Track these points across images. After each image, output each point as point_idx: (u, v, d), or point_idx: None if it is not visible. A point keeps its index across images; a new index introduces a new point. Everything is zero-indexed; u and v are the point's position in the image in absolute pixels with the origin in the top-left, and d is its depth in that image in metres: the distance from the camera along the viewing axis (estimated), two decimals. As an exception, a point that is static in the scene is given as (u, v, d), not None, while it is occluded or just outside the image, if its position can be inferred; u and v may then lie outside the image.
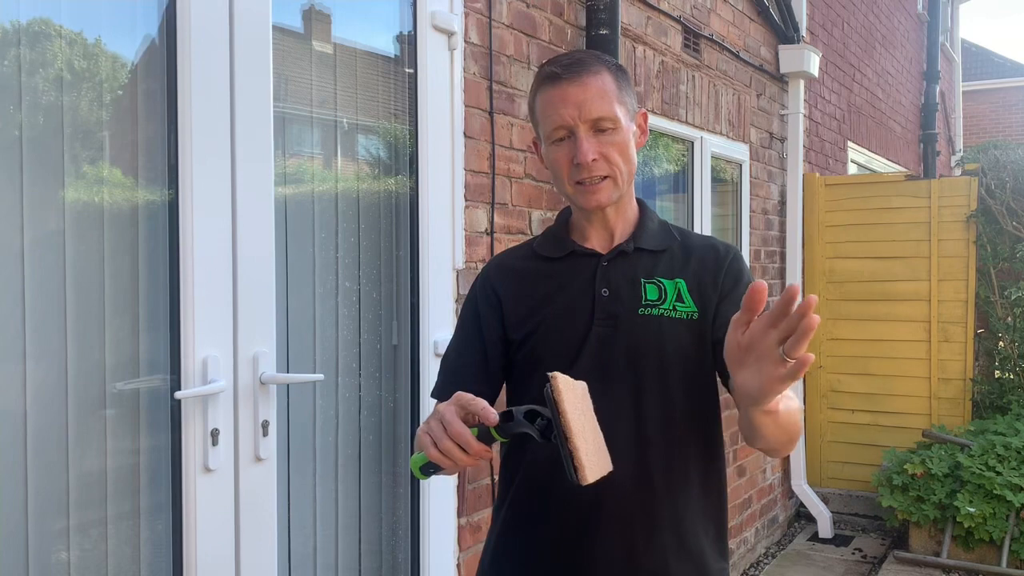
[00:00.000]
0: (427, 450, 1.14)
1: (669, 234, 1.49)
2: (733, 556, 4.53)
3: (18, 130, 1.64)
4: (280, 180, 2.11)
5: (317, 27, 2.31)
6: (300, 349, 2.20)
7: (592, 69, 1.37)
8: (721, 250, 1.47)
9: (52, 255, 1.70)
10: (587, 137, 1.35)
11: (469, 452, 1.12)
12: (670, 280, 1.42)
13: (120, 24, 1.83)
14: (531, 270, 1.49)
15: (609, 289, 1.41)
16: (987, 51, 18.63)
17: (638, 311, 1.39)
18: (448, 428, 1.12)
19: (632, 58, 3.57)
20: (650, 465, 1.38)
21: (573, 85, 1.36)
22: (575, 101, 1.35)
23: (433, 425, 1.15)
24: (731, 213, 4.74)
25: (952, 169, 9.80)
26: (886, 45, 7.48)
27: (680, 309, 1.40)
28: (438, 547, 2.51)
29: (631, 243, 1.45)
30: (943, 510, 4.43)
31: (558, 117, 1.36)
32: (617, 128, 1.37)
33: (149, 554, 1.87)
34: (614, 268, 1.43)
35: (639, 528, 1.38)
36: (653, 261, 1.44)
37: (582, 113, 1.35)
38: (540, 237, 1.55)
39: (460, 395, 1.16)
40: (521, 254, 1.54)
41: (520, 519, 1.46)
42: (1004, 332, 5.13)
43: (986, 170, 5.09)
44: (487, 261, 1.61)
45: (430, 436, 1.14)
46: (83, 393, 1.75)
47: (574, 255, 1.46)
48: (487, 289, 1.51)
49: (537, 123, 1.43)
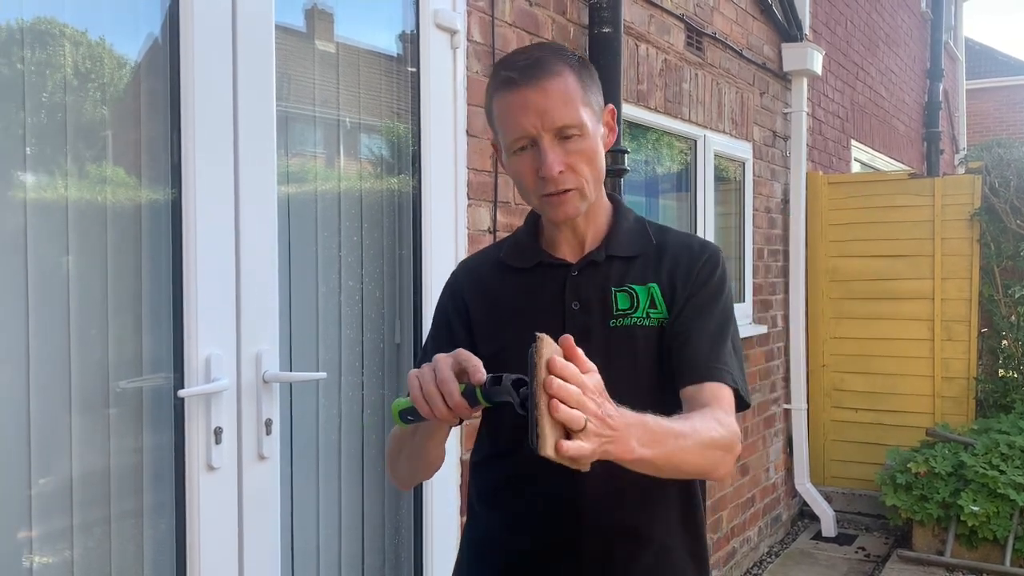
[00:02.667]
0: (413, 393, 1.13)
1: (644, 236, 1.41)
2: (736, 555, 4.53)
3: (21, 129, 1.65)
4: (283, 179, 2.12)
5: (320, 26, 2.31)
6: (303, 347, 2.20)
7: (553, 70, 1.25)
8: (696, 250, 1.39)
9: (55, 254, 1.70)
10: (551, 147, 1.25)
11: (450, 404, 1.10)
12: (642, 286, 1.35)
13: (123, 23, 1.83)
14: (499, 282, 1.42)
15: (579, 302, 1.35)
16: (991, 49, 18.58)
17: (609, 323, 1.34)
18: (438, 374, 1.11)
19: (635, 56, 3.57)
20: (626, 475, 1.35)
21: (533, 91, 1.24)
22: (536, 108, 1.24)
23: (424, 369, 1.13)
24: (734, 212, 4.73)
25: (956, 167, 9.77)
26: (889, 43, 7.47)
27: (653, 316, 1.34)
28: (441, 545, 2.51)
29: (602, 251, 1.38)
30: (947, 509, 4.42)
31: (519, 127, 1.25)
32: (583, 134, 1.27)
33: (152, 552, 1.87)
34: (584, 279, 1.37)
35: (619, 545, 1.35)
36: (625, 267, 1.37)
37: (544, 122, 1.24)
38: (508, 244, 1.47)
39: (460, 351, 1.13)
40: (489, 262, 1.47)
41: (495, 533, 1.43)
42: (1008, 330, 5.12)
43: (990, 168, 5.08)
44: (457, 265, 1.57)
45: (418, 379, 1.12)
46: (86, 391, 1.75)
47: (542, 266, 1.39)
48: (456, 299, 1.45)
49: (496, 130, 1.33)
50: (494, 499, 1.44)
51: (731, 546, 4.47)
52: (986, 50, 18.37)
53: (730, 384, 1.31)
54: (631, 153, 3.59)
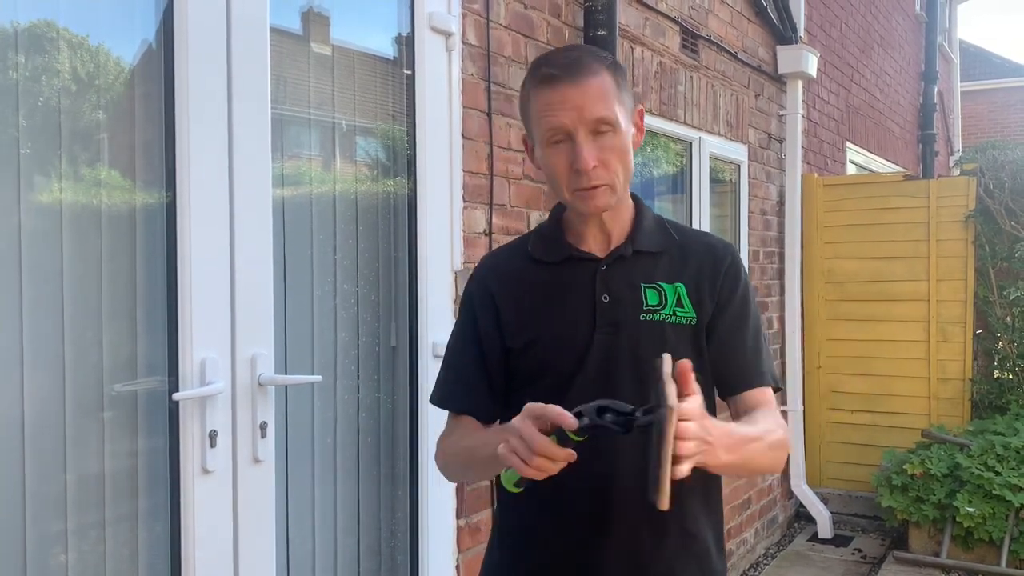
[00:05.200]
0: (520, 470, 1.17)
1: (667, 233, 1.46)
2: (732, 557, 4.53)
3: (16, 132, 1.64)
4: (278, 182, 2.11)
5: (315, 29, 2.31)
6: (298, 350, 2.20)
7: (591, 69, 1.32)
8: (720, 252, 1.45)
9: (50, 257, 1.70)
10: (586, 142, 1.31)
11: (555, 460, 1.15)
12: (670, 284, 1.40)
13: (118, 27, 1.83)
14: (528, 275, 1.45)
15: (609, 295, 1.39)
16: (985, 51, 18.64)
17: (640, 316, 1.38)
18: (532, 444, 1.14)
19: (630, 59, 3.57)
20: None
21: (572, 87, 1.30)
22: (574, 104, 1.30)
23: (515, 443, 1.16)
24: (730, 214, 4.74)
25: (950, 169, 9.80)
26: (884, 45, 7.49)
27: (680, 314, 1.39)
28: (437, 548, 2.51)
29: (629, 246, 1.42)
30: (942, 510, 4.42)
31: (556, 120, 1.31)
32: (616, 131, 1.33)
33: (147, 556, 1.86)
34: (613, 273, 1.41)
35: (646, 531, 1.38)
36: (652, 264, 1.42)
37: (582, 116, 1.30)
38: (534, 237, 1.50)
39: (530, 406, 1.17)
40: (515, 255, 1.50)
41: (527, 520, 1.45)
42: (1003, 332, 5.13)
43: (984, 170, 5.09)
44: (480, 260, 1.58)
45: (516, 455, 1.16)
46: (81, 395, 1.75)
47: (571, 260, 1.43)
48: (483, 294, 1.47)
49: (530, 123, 1.38)
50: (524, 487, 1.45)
51: (727, 548, 4.47)
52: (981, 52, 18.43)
53: (772, 384, 1.44)
54: (626, 155, 3.59)
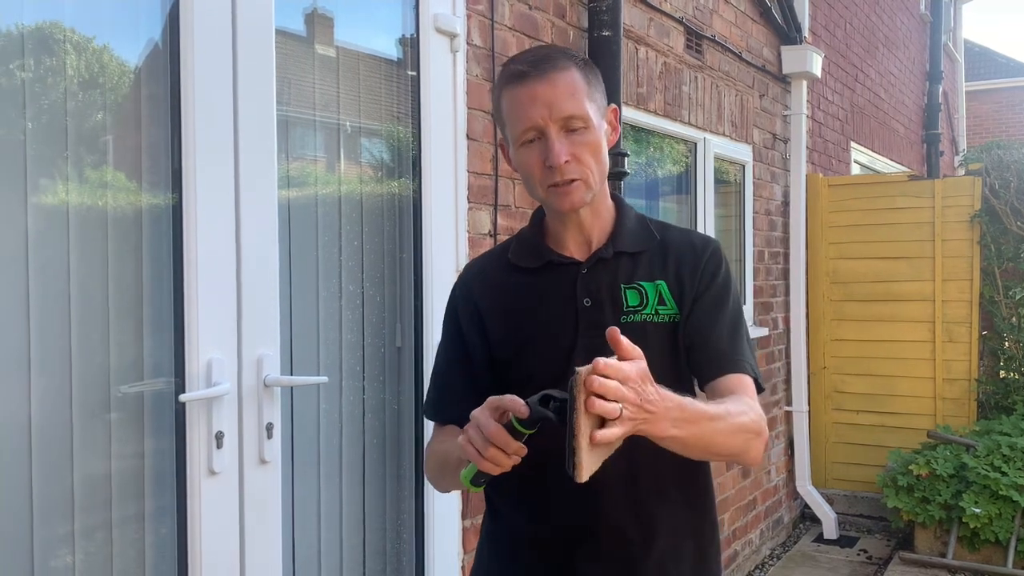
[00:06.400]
0: (475, 460, 1.16)
1: (648, 232, 1.45)
2: (738, 558, 4.52)
3: (22, 134, 1.65)
4: (283, 183, 2.12)
5: (320, 30, 2.31)
6: (304, 352, 2.20)
7: (560, 65, 1.32)
8: (699, 246, 1.44)
9: (56, 259, 1.70)
10: (558, 138, 1.30)
11: (509, 453, 1.14)
12: (651, 283, 1.39)
13: (124, 28, 1.83)
14: (510, 283, 1.45)
15: (591, 299, 1.38)
16: (990, 51, 18.60)
17: (620, 319, 1.36)
18: (485, 431, 1.14)
19: (634, 59, 3.57)
20: (640, 470, 1.36)
21: (541, 83, 1.30)
22: (544, 100, 1.30)
23: (472, 434, 1.16)
24: (734, 214, 4.73)
25: (956, 169, 9.78)
26: (889, 45, 7.47)
27: (662, 312, 1.39)
28: (442, 549, 2.51)
29: (609, 247, 1.41)
30: (948, 511, 4.41)
31: (527, 118, 1.31)
32: (588, 127, 1.32)
33: (154, 557, 1.87)
34: (594, 276, 1.40)
35: (635, 534, 1.38)
36: (632, 264, 1.41)
37: (552, 112, 1.30)
38: (515, 244, 1.49)
39: (491, 399, 1.17)
40: (497, 264, 1.49)
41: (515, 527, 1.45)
42: (1009, 332, 5.12)
43: (990, 170, 5.08)
44: (464, 267, 1.58)
45: (472, 446, 1.15)
46: (87, 396, 1.75)
47: (551, 265, 1.42)
48: (468, 304, 1.47)
49: (504, 124, 1.38)
50: (512, 491, 1.45)
51: (733, 549, 4.46)
52: (985, 52, 18.40)
53: (750, 373, 1.40)
54: (631, 156, 3.60)
